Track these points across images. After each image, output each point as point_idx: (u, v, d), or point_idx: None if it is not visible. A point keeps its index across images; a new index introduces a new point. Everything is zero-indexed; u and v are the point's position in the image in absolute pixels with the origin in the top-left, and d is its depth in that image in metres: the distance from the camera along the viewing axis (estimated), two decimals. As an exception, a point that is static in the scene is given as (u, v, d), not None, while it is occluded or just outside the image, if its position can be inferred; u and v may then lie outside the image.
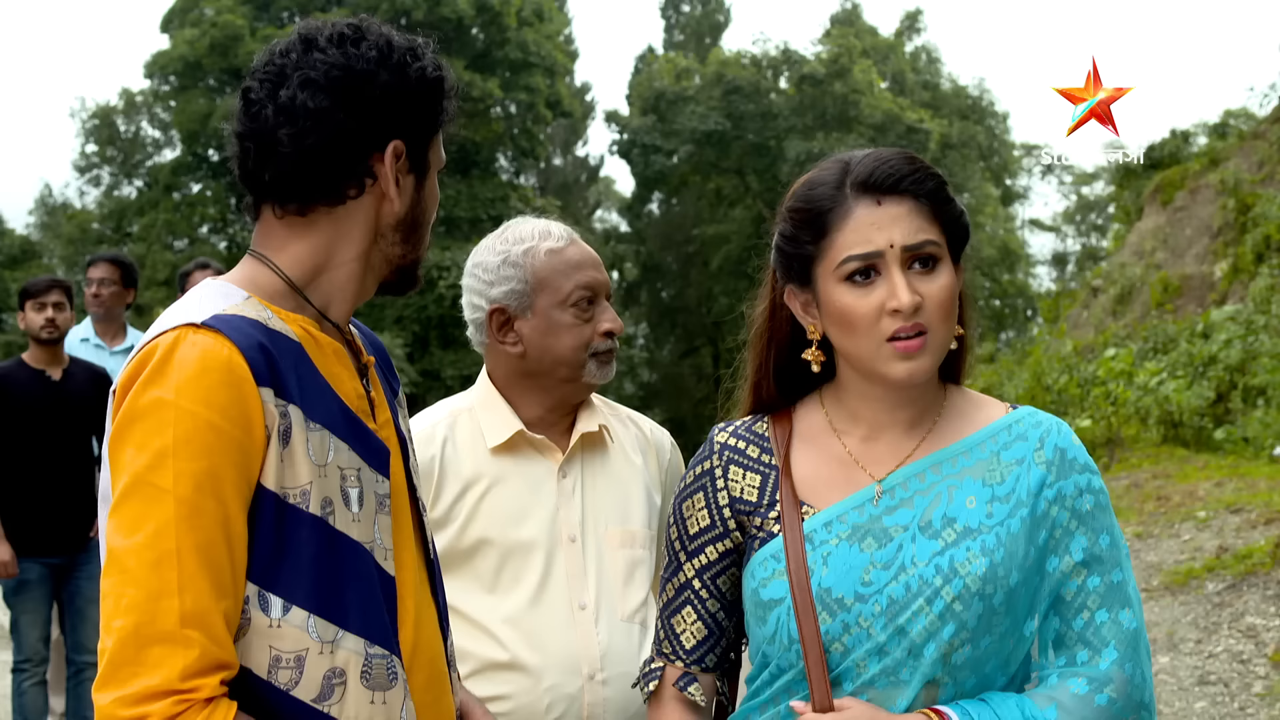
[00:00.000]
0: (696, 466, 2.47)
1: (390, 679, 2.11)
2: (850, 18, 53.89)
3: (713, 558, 2.44)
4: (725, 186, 49.79)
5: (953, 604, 2.20)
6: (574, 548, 3.13)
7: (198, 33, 42.78)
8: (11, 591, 7.35)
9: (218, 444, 1.96)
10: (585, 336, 3.16)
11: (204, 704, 1.91)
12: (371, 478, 2.16)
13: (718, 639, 2.47)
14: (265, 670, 2.02)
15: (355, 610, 2.08)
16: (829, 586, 2.25)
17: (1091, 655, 2.26)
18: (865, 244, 2.23)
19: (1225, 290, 19.58)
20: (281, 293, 2.17)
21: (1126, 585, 2.30)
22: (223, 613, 1.95)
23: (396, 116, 2.16)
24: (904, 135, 44.62)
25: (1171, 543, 10.59)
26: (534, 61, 45.47)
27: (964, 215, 2.32)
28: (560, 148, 56.79)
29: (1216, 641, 8.33)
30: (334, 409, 2.12)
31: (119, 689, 1.89)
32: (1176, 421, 15.71)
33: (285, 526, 2.03)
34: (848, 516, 2.30)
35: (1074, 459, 2.32)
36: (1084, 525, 2.29)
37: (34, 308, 7.38)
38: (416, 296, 43.67)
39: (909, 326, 2.21)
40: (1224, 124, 29.58)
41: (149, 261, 40.78)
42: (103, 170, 48.25)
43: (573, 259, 3.19)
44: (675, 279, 51.97)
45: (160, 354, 2.00)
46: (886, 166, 2.25)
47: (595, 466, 3.24)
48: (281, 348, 2.07)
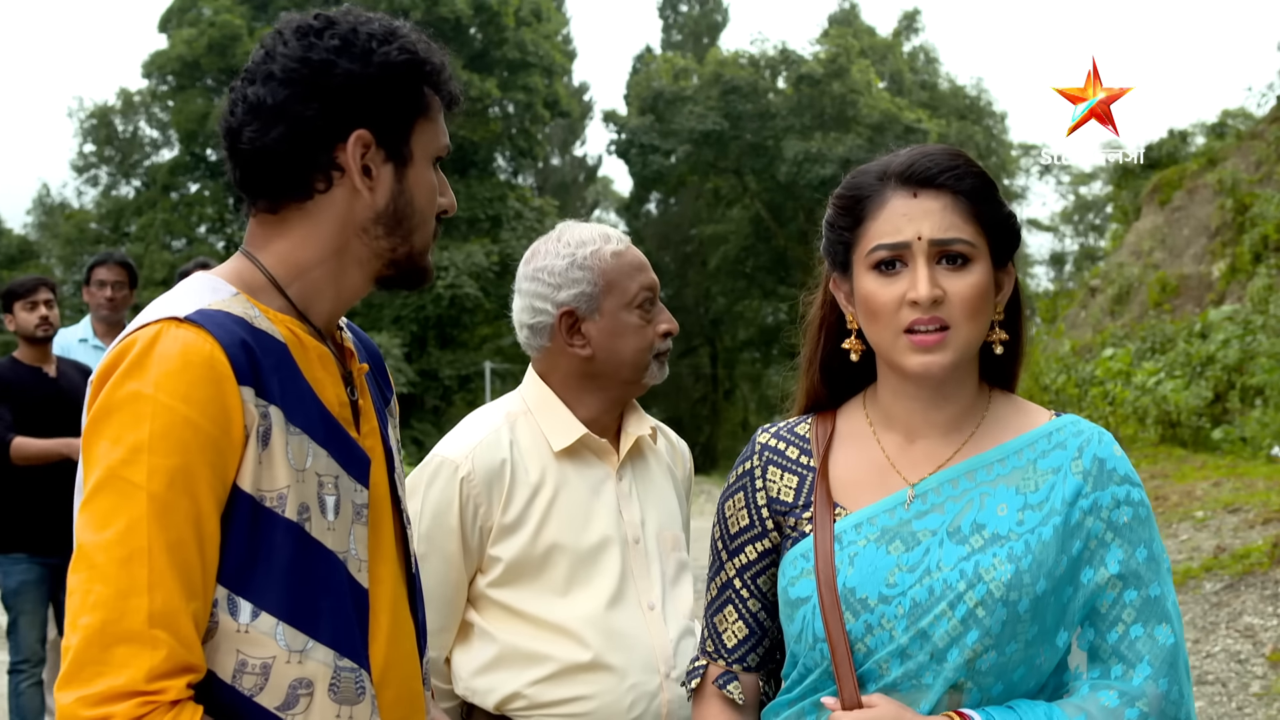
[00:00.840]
0: (739, 466, 2.47)
1: (358, 693, 2.06)
2: (848, 17, 53.92)
3: (752, 557, 2.43)
4: (723, 186, 49.81)
5: (975, 609, 2.18)
6: (638, 549, 3.15)
7: (195, 32, 42.83)
8: (10, 592, 7.34)
9: (194, 441, 1.90)
10: (649, 338, 3.18)
11: (169, 706, 1.85)
12: (350, 486, 2.11)
13: (759, 639, 2.46)
14: (230, 674, 1.97)
15: (327, 621, 2.03)
16: (853, 586, 2.24)
17: (1125, 670, 2.23)
18: (894, 233, 2.22)
19: (1223, 290, 19.59)
20: (267, 290, 2.12)
21: (1165, 600, 2.27)
22: (191, 614, 1.89)
23: (359, 105, 2.09)
24: (902, 135, 44.57)
25: (1169, 543, 10.59)
26: (532, 61, 45.55)
27: (1012, 217, 2.29)
28: (558, 147, 56.83)
29: (1214, 641, 8.33)
30: (315, 414, 2.07)
31: (82, 688, 1.83)
32: (1174, 421, 15.73)
33: (260, 530, 1.98)
34: (878, 519, 2.28)
35: (1113, 470, 2.28)
36: (1120, 538, 2.25)
37: (24, 307, 7.36)
38: (415, 296, 43.63)
39: (927, 320, 2.19)
40: (1222, 124, 29.63)
41: (147, 261, 40.81)
42: (100, 170, 48.29)
43: (635, 261, 3.21)
44: (673, 279, 51.92)
45: (140, 347, 1.96)
46: (926, 159, 2.24)
47: (642, 470, 3.27)
48: (265, 347, 2.02)
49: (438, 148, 2.20)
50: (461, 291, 42.69)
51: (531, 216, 46.60)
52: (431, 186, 2.20)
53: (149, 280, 38.84)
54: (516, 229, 45.15)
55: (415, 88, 2.14)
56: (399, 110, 2.13)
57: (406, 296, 41.60)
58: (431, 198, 2.20)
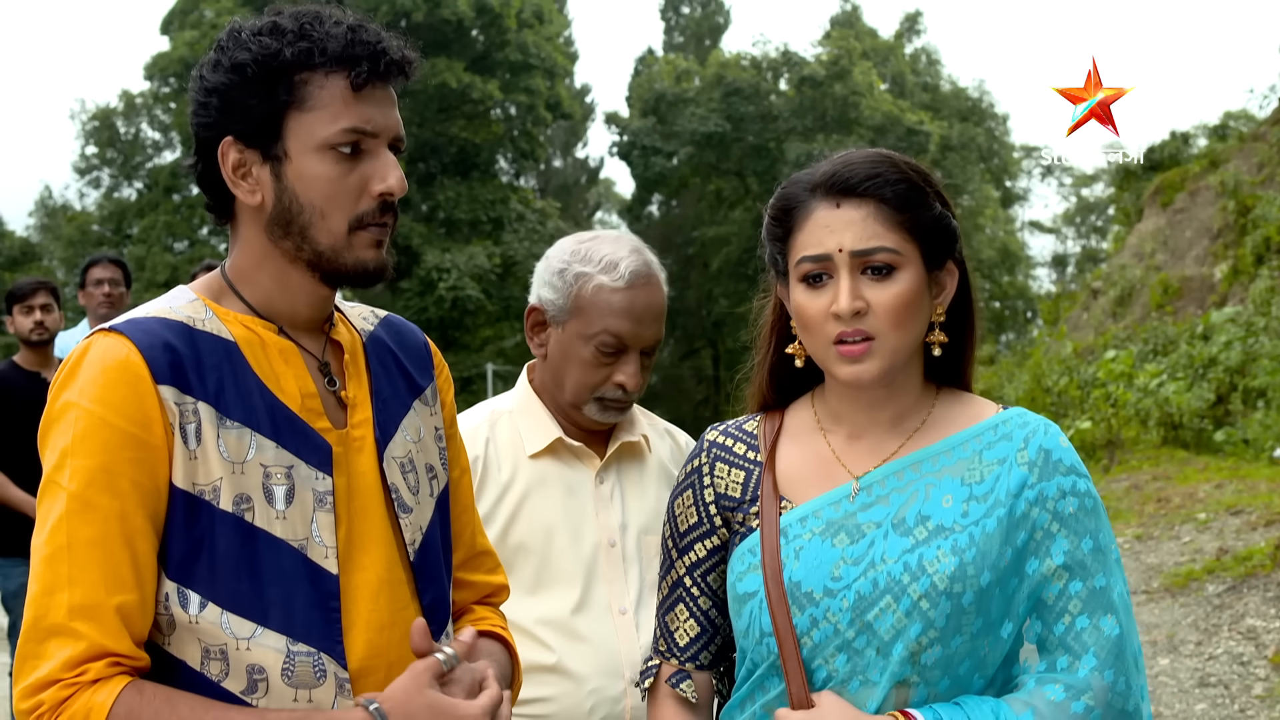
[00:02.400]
0: (687, 465, 2.48)
1: (318, 677, 2.09)
2: (850, 19, 53.94)
3: (701, 555, 2.44)
4: (725, 188, 49.85)
5: (919, 602, 2.18)
6: (614, 553, 3.12)
7: (197, 34, 42.86)
8: (10, 595, 7.34)
9: (113, 440, 1.99)
10: (595, 380, 3.11)
11: (90, 685, 1.94)
12: (309, 475, 2.13)
13: (711, 636, 2.46)
14: (198, 662, 2.05)
15: (276, 608, 2.07)
16: (799, 580, 2.23)
17: (1071, 661, 2.22)
18: (817, 245, 2.22)
19: (1225, 292, 19.58)
20: (228, 294, 2.20)
21: (1110, 591, 2.25)
22: (116, 606, 1.96)
23: (221, 113, 2.12)
24: (904, 137, 44.66)
25: (1171, 545, 10.58)
26: (534, 63, 45.56)
27: (943, 219, 2.27)
28: (560, 149, 56.88)
29: (1217, 643, 8.32)
30: (261, 407, 2.11)
31: (20, 681, 1.96)
32: (1176, 423, 15.72)
33: (198, 523, 2.04)
34: (823, 512, 2.28)
35: (1059, 460, 2.28)
36: (1066, 528, 2.25)
37: (21, 311, 7.36)
38: (416, 298, 43.69)
39: (850, 331, 2.20)
40: (1224, 126, 29.63)
41: (149, 263, 40.87)
42: (103, 172, 48.32)
43: (617, 305, 3.10)
44: (675, 281, 51.68)
45: (73, 359, 2.08)
46: (848, 169, 2.24)
47: (633, 475, 3.23)
48: (203, 347, 2.09)
49: (327, 135, 2.10)
50: (463, 294, 42.66)
51: (533, 219, 46.61)
52: (324, 178, 2.11)
53: (151, 282, 38.90)
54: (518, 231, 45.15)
55: (272, 83, 2.09)
56: (258, 110, 2.10)
57: (408, 298, 41.67)
58: (329, 189, 2.11)
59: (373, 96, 2.13)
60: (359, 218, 2.13)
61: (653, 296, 3.15)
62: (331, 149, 2.10)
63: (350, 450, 2.21)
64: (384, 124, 2.14)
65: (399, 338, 2.41)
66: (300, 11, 2.14)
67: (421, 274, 42.41)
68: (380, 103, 2.14)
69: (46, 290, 7.44)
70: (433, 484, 2.37)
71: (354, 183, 2.12)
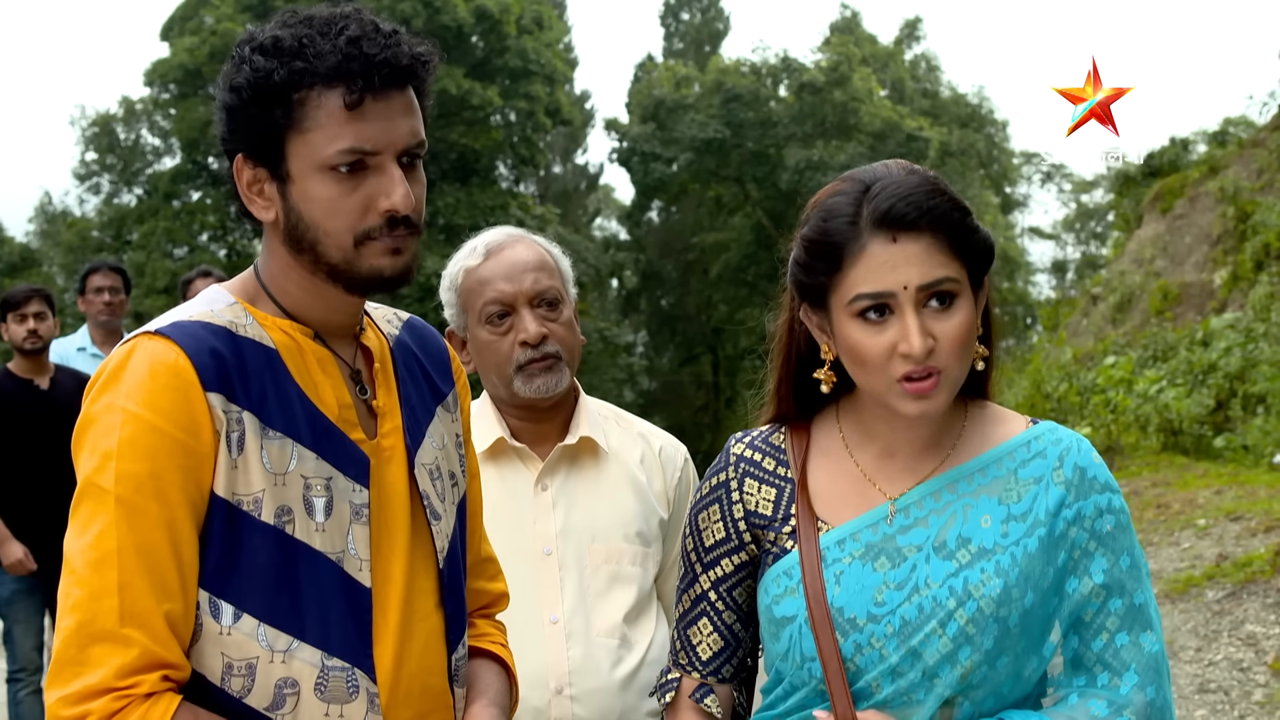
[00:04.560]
0: (712, 478, 2.44)
1: (350, 692, 2.08)
2: (850, 26, 53.87)
3: (728, 570, 2.41)
4: (725, 194, 49.76)
5: (966, 626, 2.17)
6: (548, 561, 3.08)
7: (197, 40, 42.76)
8: (4, 601, 7.34)
9: (161, 447, 1.97)
10: (502, 352, 3.10)
11: (143, 699, 1.91)
12: (346, 487, 2.12)
13: (734, 650, 2.44)
14: (218, 677, 2.03)
15: (313, 621, 2.06)
16: (841, 606, 2.21)
17: (1112, 678, 2.22)
18: (878, 283, 2.14)
19: (1225, 298, 19.55)
20: (265, 298, 2.18)
21: (1148, 607, 2.26)
22: (164, 613, 1.95)
23: (232, 130, 2.11)
24: (903, 143, 44.58)
25: (1171, 550, 10.56)
26: (533, 69, 45.46)
27: (988, 240, 2.22)
28: (560, 155, 56.78)
29: (1216, 649, 8.30)
30: (302, 417, 2.10)
31: (62, 688, 1.91)
32: (1176, 429, 15.68)
33: (237, 534, 2.02)
34: (861, 535, 2.26)
35: (1094, 478, 2.27)
36: (1104, 547, 2.24)
37: (15, 319, 7.36)
38: (416, 304, 43.63)
39: (920, 370, 2.14)
40: (1223, 132, 29.54)
41: (149, 269, 40.76)
42: (103, 178, 48.19)
43: (483, 275, 3.12)
44: (675, 287, 51.90)
45: (116, 361, 2.04)
46: (905, 202, 2.14)
47: (584, 479, 3.18)
48: (247, 354, 2.07)
49: (325, 156, 2.06)
50: (463, 299, 42.42)
51: (533, 224, 46.41)
52: (325, 199, 2.07)
53: (150, 288, 38.84)
54: (518, 237, 44.92)
55: (269, 105, 2.06)
56: (259, 131, 2.08)
57: (408, 304, 41.51)
58: (331, 209, 2.08)
59: (372, 111, 2.05)
60: (365, 233, 2.08)
61: (518, 253, 3.12)
62: (332, 169, 2.05)
63: (381, 460, 2.20)
64: (387, 140, 2.06)
65: (422, 342, 2.40)
66: (306, 19, 2.08)
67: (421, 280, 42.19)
68: (382, 116, 2.06)
69: (40, 298, 7.43)
70: (454, 491, 2.37)
71: (357, 201, 2.07)
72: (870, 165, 2.29)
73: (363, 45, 2.03)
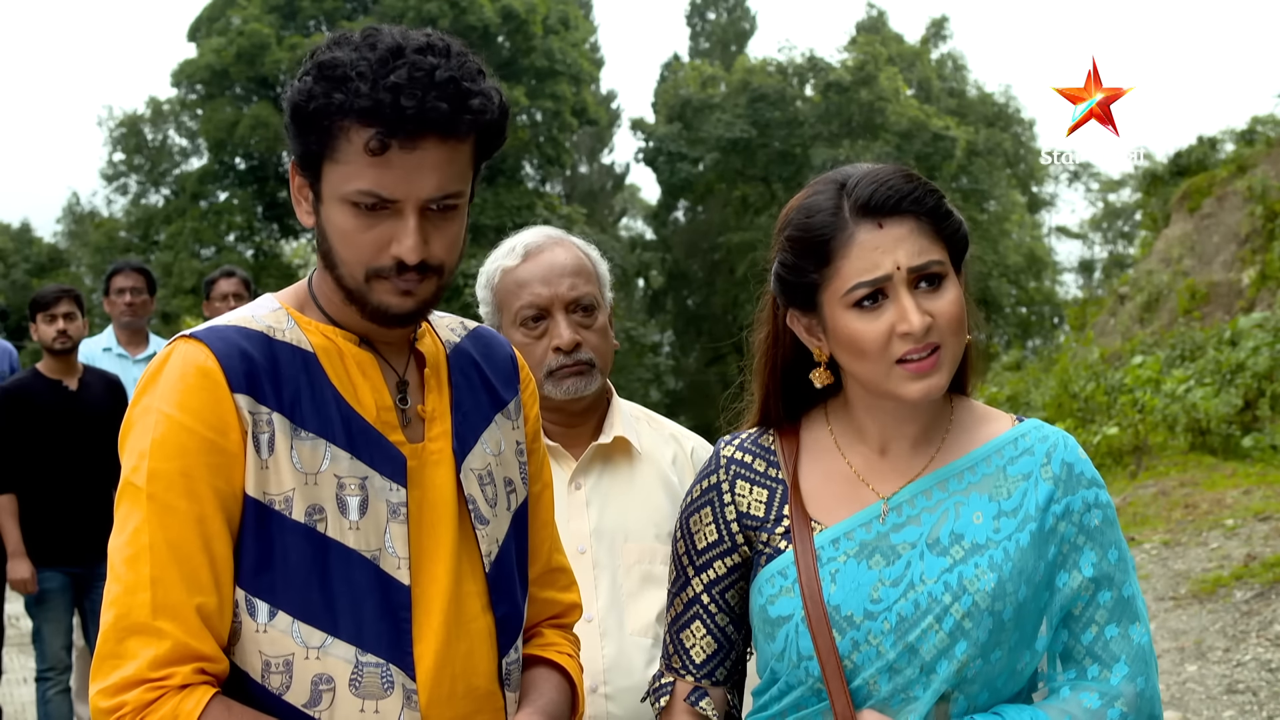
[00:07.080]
0: (703, 480, 2.46)
1: (385, 688, 2.11)
2: (876, 25, 53.79)
3: (721, 572, 2.42)
4: (751, 194, 49.77)
5: (962, 621, 2.19)
6: (582, 560, 3.08)
7: (224, 41, 42.96)
8: (33, 601, 7.37)
9: (191, 445, 2.02)
10: (535, 356, 3.08)
11: (178, 690, 1.96)
12: (383, 486, 2.15)
13: (727, 652, 2.45)
14: (259, 674, 2.07)
15: (346, 617, 2.09)
16: (838, 604, 2.23)
17: (1102, 670, 2.25)
18: (872, 269, 2.19)
19: (1253, 297, 19.48)
20: (312, 305, 2.23)
21: (1135, 600, 2.30)
22: (196, 606, 1.99)
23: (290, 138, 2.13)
24: (930, 143, 44.55)
25: (1199, 551, 10.53)
26: (560, 69, 45.57)
27: (963, 227, 2.28)
28: (586, 155, 56.82)
29: (1245, 650, 8.28)
30: (337, 418, 2.13)
31: (101, 681, 1.97)
32: (1204, 429, 15.62)
33: (269, 532, 2.07)
34: (855, 534, 2.28)
35: (1081, 473, 2.30)
36: (1092, 541, 2.28)
37: (44, 320, 7.38)
38: (443, 304, 43.42)
39: (921, 347, 2.19)
40: (1251, 130, 29.39)
41: (176, 269, 40.97)
42: (130, 179, 48.44)
43: (521, 277, 3.11)
44: (701, 286, 51.91)
45: (154, 365, 2.11)
46: (885, 188, 2.20)
47: (618, 479, 3.20)
48: (281, 357, 2.12)
49: (346, 192, 2.07)
50: (489, 299, 42.53)
51: (559, 224, 46.37)
52: (343, 229, 2.09)
53: (178, 288, 39.05)
54: (544, 237, 44.99)
55: (308, 128, 2.07)
56: (305, 146, 2.10)
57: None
58: (347, 240, 2.10)
59: (397, 160, 2.03)
60: (376, 271, 2.09)
61: (556, 256, 3.11)
62: (352, 204, 2.06)
63: (426, 463, 2.22)
64: (407, 190, 2.05)
65: (486, 350, 2.42)
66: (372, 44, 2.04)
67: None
68: (407, 166, 2.04)
69: (70, 298, 7.45)
70: (510, 498, 2.37)
71: (372, 239, 2.08)
72: (838, 168, 2.33)
73: (400, 94, 1.99)
